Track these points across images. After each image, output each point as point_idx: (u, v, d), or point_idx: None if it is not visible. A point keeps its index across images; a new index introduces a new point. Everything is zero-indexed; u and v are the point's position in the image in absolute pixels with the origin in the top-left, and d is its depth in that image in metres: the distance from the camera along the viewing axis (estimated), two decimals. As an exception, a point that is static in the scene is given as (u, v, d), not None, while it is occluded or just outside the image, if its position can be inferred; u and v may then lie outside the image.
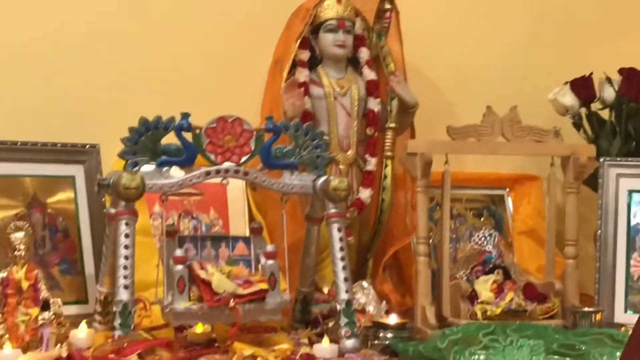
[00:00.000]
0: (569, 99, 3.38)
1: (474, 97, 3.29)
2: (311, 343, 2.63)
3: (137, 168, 2.57)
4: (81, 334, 2.48)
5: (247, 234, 2.91)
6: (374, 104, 3.16)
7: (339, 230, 2.66)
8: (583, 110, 3.39)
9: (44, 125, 3.08)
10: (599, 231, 3.13)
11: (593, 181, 3.14)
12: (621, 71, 3.37)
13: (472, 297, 2.83)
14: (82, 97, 3.18)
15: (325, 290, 3.01)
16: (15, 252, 2.48)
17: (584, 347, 2.48)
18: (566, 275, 2.94)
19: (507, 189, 3.45)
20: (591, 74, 3.39)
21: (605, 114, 3.43)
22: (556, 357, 2.45)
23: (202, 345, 2.55)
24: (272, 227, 3.02)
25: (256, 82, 3.28)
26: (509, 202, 3.44)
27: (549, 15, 3.67)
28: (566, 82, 3.40)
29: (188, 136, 2.61)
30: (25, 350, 2.37)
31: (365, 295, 2.90)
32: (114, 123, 2.74)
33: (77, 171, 2.97)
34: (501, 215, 3.41)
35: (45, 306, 2.46)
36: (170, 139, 2.61)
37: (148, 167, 2.59)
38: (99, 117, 3.15)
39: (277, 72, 3.18)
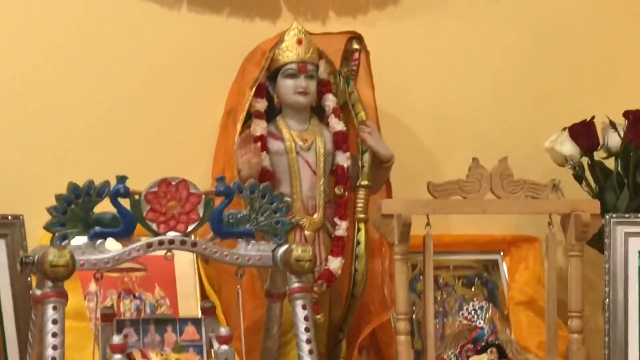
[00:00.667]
0: (568, 147, 3.38)
1: (458, 148, 3.35)
2: None
3: (66, 242, 2.55)
4: None
5: (199, 314, 2.91)
6: (343, 159, 3.17)
7: (304, 307, 2.63)
8: (585, 160, 3.39)
9: None
10: (607, 299, 3.12)
11: (598, 241, 3.15)
12: (626, 114, 3.38)
13: (464, 381, 2.83)
14: (3, 161, 3.17)
15: None
16: None
17: None
18: (571, 352, 2.96)
19: (501, 253, 3.46)
20: (593, 118, 3.39)
21: (610, 163, 3.43)
22: None
23: None
24: (227, 306, 3.02)
25: (206, 137, 3.30)
26: (504, 268, 3.45)
27: (543, 51, 3.68)
28: (564, 128, 3.40)
29: (126, 203, 2.59)
30: None
31: None
32: (40, 190, 2.75)
33: None
34: (495, 284, 3.42)
35: None
36: (105, 207, 2.59)
37: (80, 240, 2.57)
38: (23, 184, 3.15)
39: (230, 124, 3.19)
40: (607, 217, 3.11)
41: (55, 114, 3.25)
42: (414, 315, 3.10)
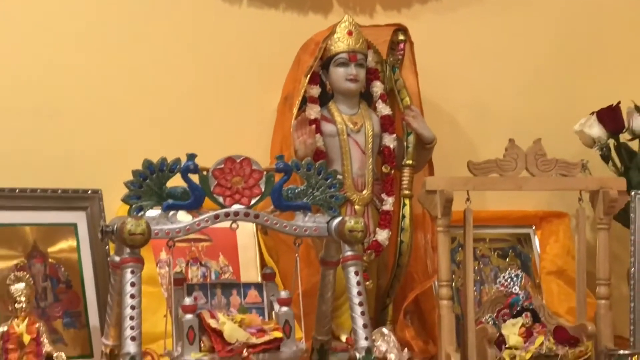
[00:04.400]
0: (596, 130, 3.41)
1: (495, 130, 3.35)
2: (330, 395, 2.62)
3: (142, 213, 2.56)
4: None
5: (259, 280, 2.94)
6: (390, 140, 3.20)
7: (356, 274, 2.66)
8: (611, 142, 3.42)
9: (43, 171, 3.11)
10: (632, 269, 3.15)
11: (624, 216, 3.17)
12: (650, 99, 3.41)
13: (500, 342, 2.85)
14: (84, 140, 3.22)
15: (343, 338, 3.02)
16: (16, 305, 2.53)
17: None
18: (599, 316, 2.95)
19: (534, 227, 3.47)
20: (619, 103, 3.42)
21: (635, 144, 3.46)
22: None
23: None
24: (285, 273, 3.03)
25: (265, 120, 3.32)
26: (536, 241, 3.46)
27: (572, 42, 3.70)
28: (592, 113, 3.42)
29: (195, 178, 2.61)
30: None
31: (385, 343, 2.91)
32: (117, 167, 2.77)
33: (79, 218, 3.00)
34: (528, 255, 3.43)
35: None
36: (176, 182, 2.61)
37: (153, 212, 2.59)
38: (101, 161, 3.19)
39: (287, 109, 3.21)
40: (633, 193, 3.14)
41: (133, 100, 3.30)
42: (453, 283, 3.09)
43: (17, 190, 2.92)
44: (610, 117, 3.41)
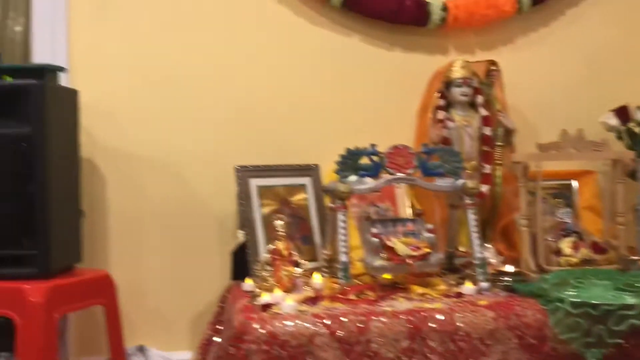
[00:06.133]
0: (613, 121, 3.34)
1: (553, 123, 3.24)
2: (457, 284, 2.67)
3: (345, 179, 2.67)
4: (317, 280, 2.54)
5: (412, 217, 2.99)
6: (488, 131, 3.17)
7: (473, 213, 2.73)
8: (623, 128, 3.35)
9: (288, 151, 3.14)
10: (638, 206, 3.12)
11: (633, 175, 3.13)
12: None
13: (558, 252, 2.86)
14: (311, 133, 3.22)
15: (463, 249, 3.01)
16: (278, 233, 2.61)
17: (638, 285, 2.49)
18: (619, 235, 2.92)
19: (575, 180, 3.39)
20: (627, 104, 3.35)
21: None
22: (621, 292, 2.45)
23: (389, 287, 2.63)
24: (427, 212, 3.06)
25: (409, 122, 3.30)
26: (576, 188, 3.39)
27: (601, 58, 3.57)
28: (611, 110, 3.36)
29: (375, 158, 2.70)
30: (287, 293, 2.46)
31: (488, 252, 2.91)
32: (330, 149, 2.81)
33: (308, 181, 3.04)
34: (572, 197, 3.37)
35: (296, 265, 2.57)
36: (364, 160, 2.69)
37: (352, 178, 2.68)
38: (320, 146, 3.16)
39: (425, 114, 3.21)
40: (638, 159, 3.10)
41: (339, 104, 3.26)
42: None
43: (273, 167, 2.98)
44: (622, 113, 3.34)
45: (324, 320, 2.26)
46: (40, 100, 2.52)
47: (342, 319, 2.27)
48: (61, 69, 2.77)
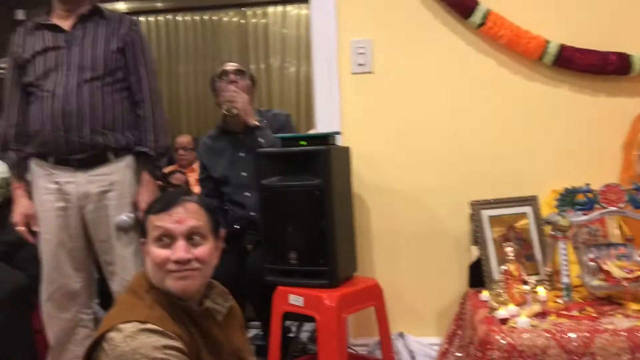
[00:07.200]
0: None
1: None
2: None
3: (563, 213, 2.46)
4: (542, 294, 2.36)
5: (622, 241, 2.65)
6: None
7: None
8: None
9: (511, 185, 2.88)
10: None
11: None
12: None
13: None
14: (529, 169, 2.97)
15: None
16: (508, 257, 2.46)
17: None
18: None
19: None
20: None
21: None
22: None
23: (606, 300, 2.41)
24: (637, 238, 2.63)
25: (613, 158, 2.94)
26: None
27: None
28: None
29: (589, 195, 2.45)
30: (519, 306, 2.32)
31: None
32: (544, 183, 2.74)
33: (528, 210, 2.76)
34: None
35: (525, 283, 2.39)
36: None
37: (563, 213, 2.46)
38: (535, 179, 2.93)
39: (630, 149, 2.86)
40: None
41: (542, 143, 2.95)
42: None
43: (500, 200, 2.74)
44: None
45: (555, 335, 2.11)
46: (326, 159, 2.63)
47: (570, 334, 2.11)
48: (338, 133, 2.87)
